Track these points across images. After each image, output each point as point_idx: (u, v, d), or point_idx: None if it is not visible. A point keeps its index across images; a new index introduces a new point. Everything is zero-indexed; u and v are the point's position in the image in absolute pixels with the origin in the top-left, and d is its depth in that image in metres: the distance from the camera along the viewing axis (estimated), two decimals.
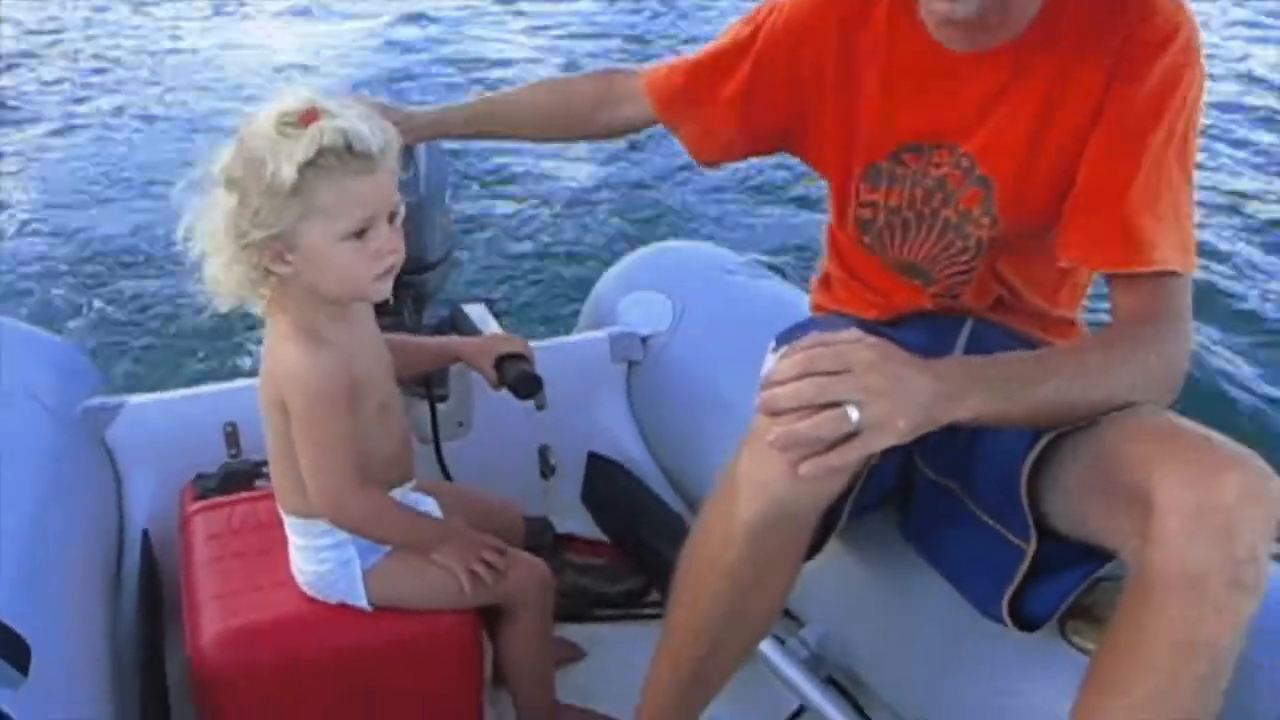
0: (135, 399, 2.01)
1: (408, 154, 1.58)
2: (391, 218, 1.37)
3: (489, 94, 1.87)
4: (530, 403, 1.73)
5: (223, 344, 3.84)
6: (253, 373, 3.10)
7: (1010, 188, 1.43)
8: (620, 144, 5.57)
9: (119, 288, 4.47)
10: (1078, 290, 1.59)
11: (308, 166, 1.27)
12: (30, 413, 1.86)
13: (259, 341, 3.71)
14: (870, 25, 1.48)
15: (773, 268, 2.50)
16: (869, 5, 1.48)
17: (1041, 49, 1.38)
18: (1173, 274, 1.32)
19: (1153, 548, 1.09)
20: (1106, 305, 1.38)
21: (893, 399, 1.10)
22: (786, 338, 1.53)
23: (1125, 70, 1.33)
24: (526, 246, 4.88)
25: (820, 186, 1.68)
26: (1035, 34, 1.38)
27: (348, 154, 1.29)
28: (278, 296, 1.40)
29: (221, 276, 1.36)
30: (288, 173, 1.27)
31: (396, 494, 1.55)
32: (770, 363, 1.45)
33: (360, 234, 1.33)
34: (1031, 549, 1.31)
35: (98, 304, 4.33)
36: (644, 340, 2.22)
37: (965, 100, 1.43)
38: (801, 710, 1.69)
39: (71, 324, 4.10)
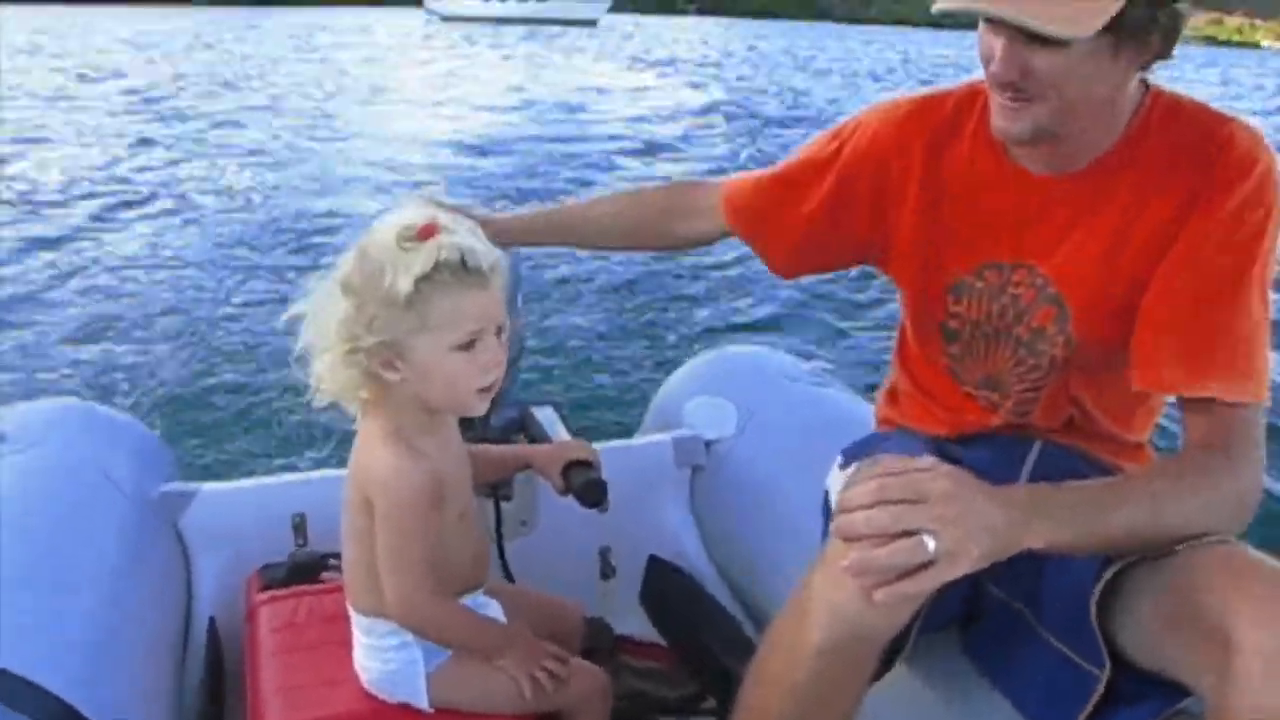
0: (209, 486, 2.05)
1: None
2: (499, 332, 1.40)
3: (563, 202, 1.91)
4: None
5: (297, 435, 3.91)
6: (322, 464, 3.16)
7: (1084, 308, 1.44)
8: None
9: (200, 373, 4.58)
10: (1151, 414, 1.59)
11: (424, 280, 1.32)
12: (107, 496, 1.90)
13: (329, 436, 3.77)
14: (955, 144, 1.52)
15: (835, 375, 2.52)
16: (956, 125, 1.52)
17: (1119, 175, 1.40)
18: (1246, 404, 1.31)
19: (1232, 689, 1.08)
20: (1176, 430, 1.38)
21: (966, 528, 1.11)
22: (854, 453, 1.54)
23: (1203, 200, 1.35)
24: (591, 350, 4.94)
25: (882, 297, 1.70)
26: (1114, 160, 1.41)
27: (462, 270, 1.33)
28: (376, 400, 1.43)
29: (327, 375, 1.39)
30: (404, 285, 1.31)
31: (466, 599, 1.56)
32: (838, 479, 1.46)
33: (469, 346, 1.37)
34: (1105, 674, 1.29)
35: (176, 388, 4.43)
36: (708, 445, 2.23)
37: (1044, 222, 1.45)
38: None
39: (149, 408, 4.19)
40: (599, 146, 9.14)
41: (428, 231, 1.33)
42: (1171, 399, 1.42)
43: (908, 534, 1.11)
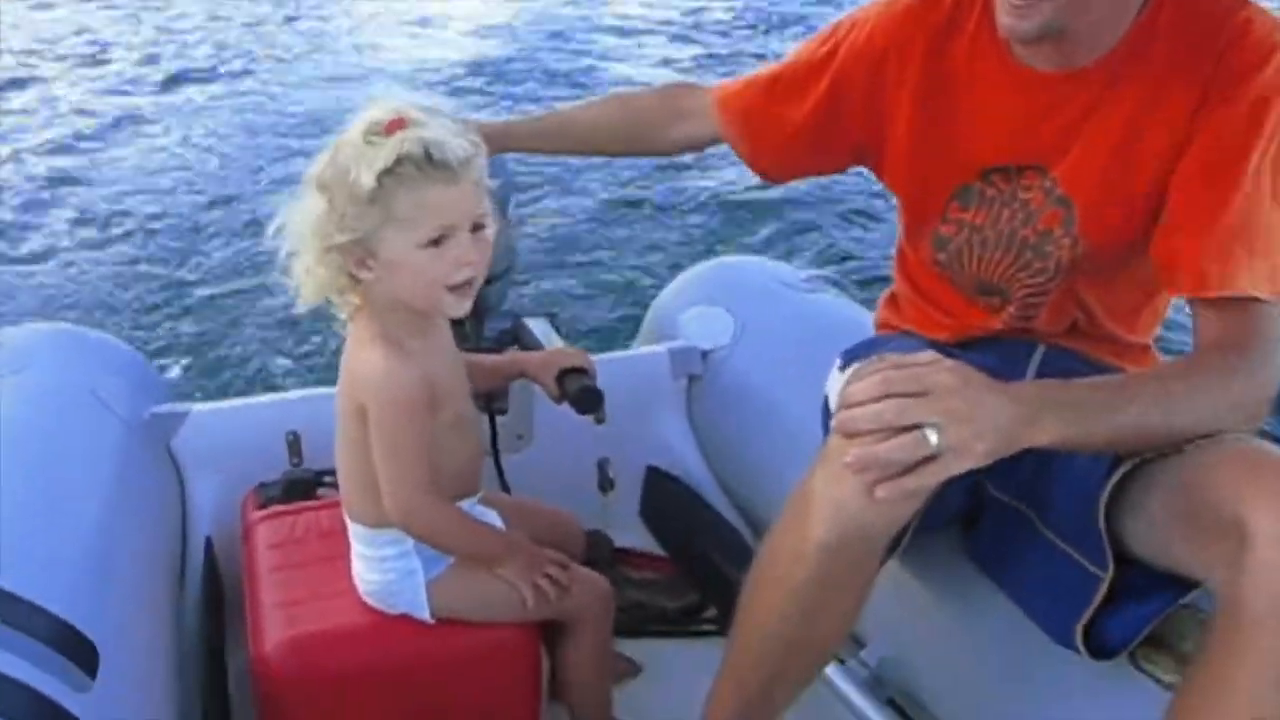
0: (200, 407, 2.04)
1: None
2: (475, 230, 1.37)
3: (556, 108, 1.88)
4: (589, 417, 1.73)
5: (288, 352, 3.89)
6: (315, 382, 3.14)
7: (1091, 208, 1.41)
8: (682, 159, 5.58)
9: (188, 293, 4.56)
10: (1156, 316, 1.56)
11: (386, 174, 1.29)
12: (98, 418, 1.89)
13: (320, 353, 3.77)
14: (955, 46, 1.47)
15: (832, 283, 2.49)
16: (954, 26, 1.47)
17: (1129, 69, 1.36)
18: (1261, 300, 1.28)
19: (1246, 579, 1.07)
20: (1178, 332, 1.36)
21: (972, 423, 1.09)
22: (854, 355, 1.52)
23: (1217, 93, 1.31)
24: (585, 260, 4.90)
25: (879, 201, 1.67)
26: (1123, 53, 1.36)
27: (426, 163, 1.30)
28: (361, 304, 1.41)
29: (305, 276, 1.38)
30: (367, 180, 1.29)
31: (463, 506, 1.55)
32: (838, 381, 1.44)
33: (437, 242, 1.34)
34: (1108, 576, 1.28)
35: (166, 309, 4.41)
36: (704, 355, 2.21)
37: (1052, 122, 1.41)
38: None
39: (138, 330, 4.17)
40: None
41: (394, 125, 1.31)
42: (1180, 300, 1.40)
43: (910, 429, 1.08)
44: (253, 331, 4.09)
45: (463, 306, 1.40)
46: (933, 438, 1.08)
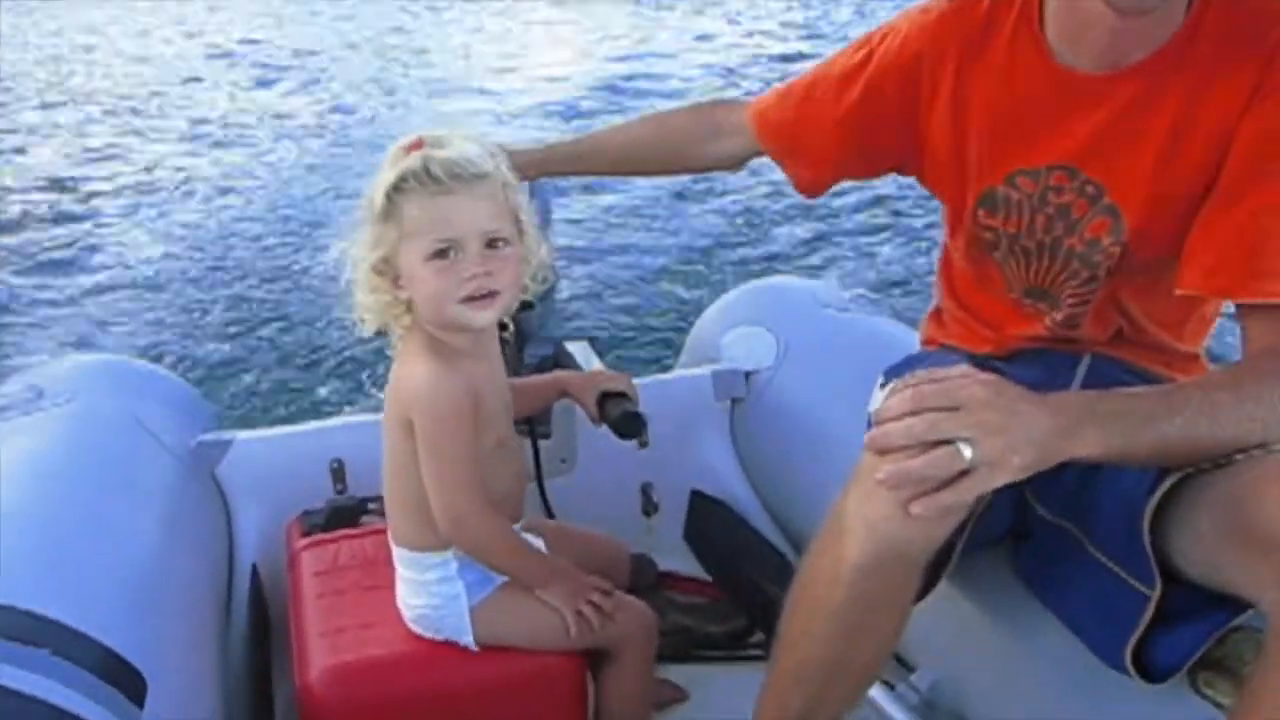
0: (245, 435, 2.05)
1: None
2: (492, 244, 1.39)
3: (593, 131, 1.88)
4: (633, 441, 1.72)
5: (332, 382, 3.92)
6: (359, 410, 3.16)
7: (1140, 214, 1.38)
8: (719, 178, 5.59)
9: (233, 324, 4.60)
10: (1204, 323, 1.53)
11: (394, 191, 1.37)
12: (145, 447, 1.91)
13: (365, 382, 3.78)
14: (990, 50, 1.46)
15: (874, 302, 2.47)
16: (992, 27, 1.46)
17: (1173, 72, 1.33)
18: None
19: None
20: (1235, 340, 1.32)
21: (1007, 436, 1.07)
22: (895, 372, 1.50)
23: (1268, 88, 1.27)
24: (625, 284, 4.91)
25: (921, 220, 1.66)
26: (1168, 54, 1.33)
27: (426, 177, 1.35)
28: (411, 324, 1.46)
29: (359, 302, 1.44)
30: (379, 197, 1.37)
31: None
32: (879, 399, 1.42)
33: (443, 254, 1.37)
34: (1155, 595, 1.25)
35: (212, 340, 4.45)
36: (747, 377, 2.20)
37: (1088, 123, 1.39)
38: None
39: (184, 360, 4.22)
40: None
41: (413, 147, 1.39)
42: (1229, 308, 1.36)
43: (944, 444, 1.06)
44: (298, 361, 4.12)
45: (484, 318, 1.41)
46: (966, 452, 1.05)
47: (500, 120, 7.56)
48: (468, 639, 1.51)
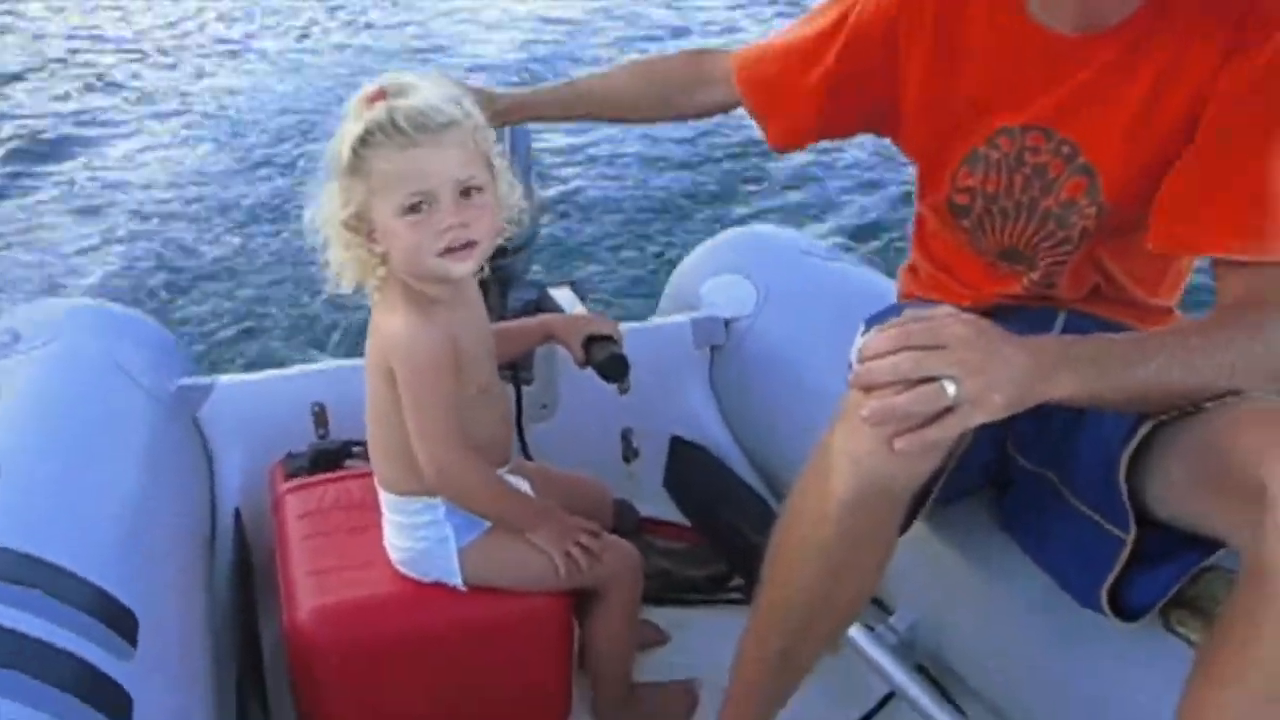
0: (226, 379, 2.05)
1: None
2: (466, 193, 1.37)
3: (578, 76, 1.87)
4: (613, 387, 1.73)
5: (312, 326, 3.91)
6: (340, 354, 3.15)
7: (1116, 177, 1.39)
8: (700, 127, 5.56)
9: (211, 270, 4.55)
10: (1180, 278, 1.55)
11: (361, 145, 1.33)
12: (125, 391, 1.90)
13: (345, 327, 3.77)
14: (968, 10, 1.46)
15: (854, 251, 2.48)
16: None
17: (1150, 34, 1.34)
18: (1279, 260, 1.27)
19: (1268, 540, 1.06)
20: (1203, 295, 1.34)
21: (989, 374, 1.09)
22: (877, 321, 1.51)
23: (1241, 49, 1.29)
24: (606, 231, 4.88)
25: (901, 172, 1.66)
26: (1145, 17, 1.34)
27: (393, 129, 1.32)
28: (388, 276, 1.43)
29: (335, 259, 1.41)
30: (345, 152, 1.34)
31: None
32: (860, 344, 1.44)
33: (416, 208, 1.35)
34: (1130, 539, 1.28)
35: (192, 284, 4.41)
36: (727, 324, 2.21)
37: (1065, 84, 1.40)
38: (890, 697, 1.68)
39: (164, 305, 4.17)
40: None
41: (376, 97, 1.34)
42: (1203, 263, 1.39)
43: (928, 381, 1.08)
44: (279, 305, 4.10)
45: (463, 268, 1.39)
46: (950, 389, 1.07)
47: (482, 66, 7.47)
48: (456, 580, 1.52)
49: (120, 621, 1.32)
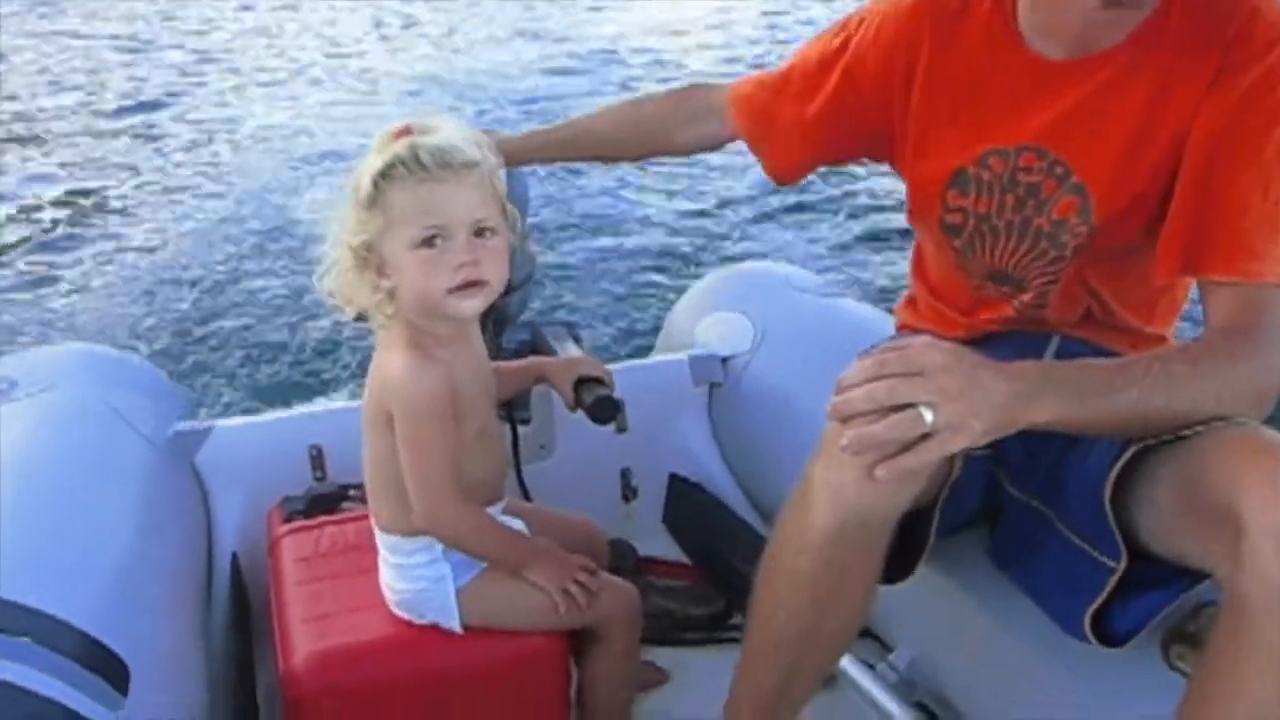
0: (224, 423, 2.05)
1: None
2: (480, 233, 1.38)
3: (571, 117, 1.89)
4: (610, 426, 1.73)
5: (309, 370, 3.91)
6: (338, 397, 3.14)
7: (1107, 197, 1.40)
8: (695, 162, 5.59)
9: (209, 313, 4.56)
10: (1174, 306, 1.55)
11: (380, 177, 1.35)
12: (122, 437, 1.90)
13: (342, 371, 3.78)
14: (963, 36, 1.48)
15: (851, 288, 2.49)
16: (966, 13, 1.48)
17: (1141, 58, 1.36)
18: (1267, 284, 1.28)
19: (1243, 571, 1.06)
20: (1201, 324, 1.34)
21: (967, 400, 1.09)
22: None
23: (1228, 76, 1.30)
24: (601, 270, 4.91)
25: (897, 208, 1.67)
26: (1137, 41, 1.36)
27: (415, 164, 1.34)
28: (393, 314, 1.44)
29: (335, 286, 1.43)
30: (365, 183, 1.36)
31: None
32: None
33: (430, 243, 1.36)
34: (1121, 566, 1.27)
35: (189, 329, 4.41)
36: (724, 362, 2.21)
37: (1057, 104, 1.41)
38: None
39: (159, 350, 4.18)
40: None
41: (401, 133, 1.37)
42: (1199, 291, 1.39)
43: (905, 408, 1.08)
44: (274, 349, 4.10)
45: (472, 306, 1.40)
46: (928, 415, 1.08)
47: (479, 108, 7.54)
48: (453, 622, 1.51)
49: (110, 670, 1.31)
